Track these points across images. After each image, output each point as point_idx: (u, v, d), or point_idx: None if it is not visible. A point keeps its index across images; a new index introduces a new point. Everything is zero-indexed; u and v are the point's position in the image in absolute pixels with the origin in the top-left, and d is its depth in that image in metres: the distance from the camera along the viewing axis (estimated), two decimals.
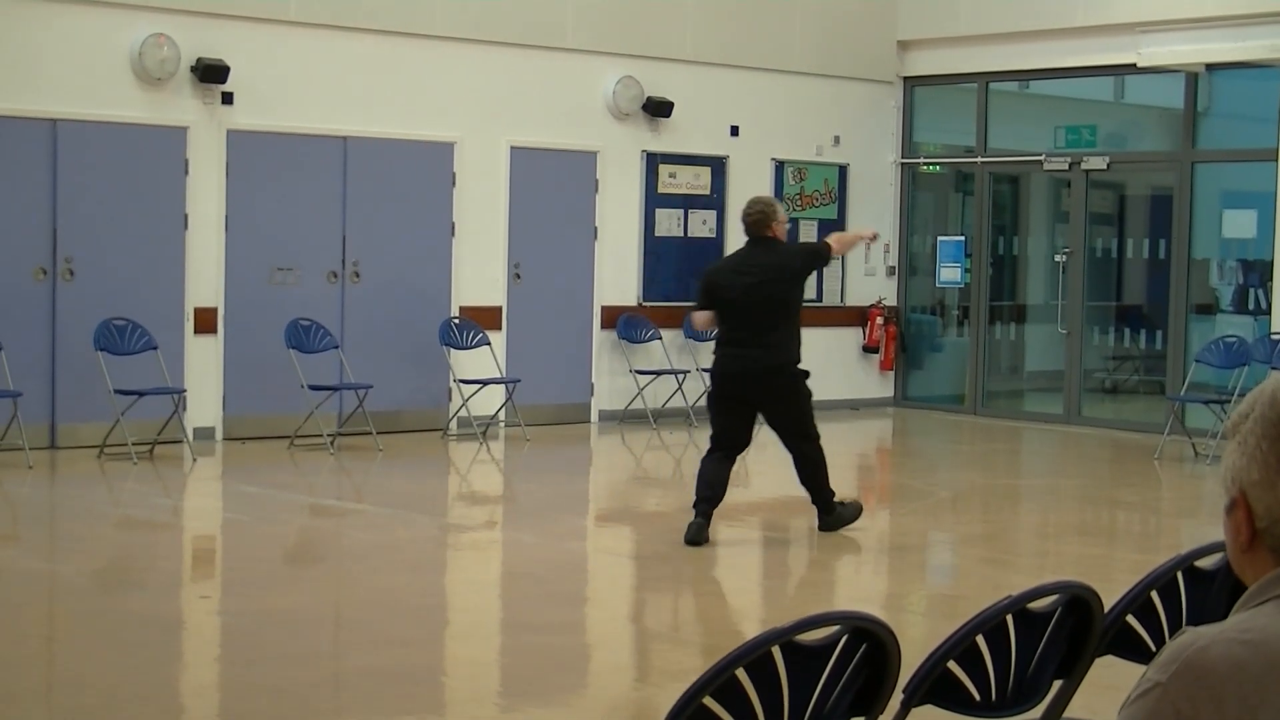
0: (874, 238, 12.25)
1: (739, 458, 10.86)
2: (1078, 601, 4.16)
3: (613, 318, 17.10)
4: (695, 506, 10.50)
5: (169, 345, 14.27)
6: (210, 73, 14.48)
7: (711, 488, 10.50)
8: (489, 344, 15.92)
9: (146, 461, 13.62)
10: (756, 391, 10.44)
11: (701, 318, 10.79)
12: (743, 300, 10.37)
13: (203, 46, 14.53)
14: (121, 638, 8.02)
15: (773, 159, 18.32)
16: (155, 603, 8.96)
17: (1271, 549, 2.31)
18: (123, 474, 13.12)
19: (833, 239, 11.23)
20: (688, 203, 17.69)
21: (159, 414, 13.86)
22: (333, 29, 15.24)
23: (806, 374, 10.65)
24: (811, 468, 10.65)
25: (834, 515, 10.82)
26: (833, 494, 10.78)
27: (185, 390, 14.30)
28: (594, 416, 17.06)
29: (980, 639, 3.94)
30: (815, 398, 10.02)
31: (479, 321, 16.00)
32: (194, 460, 13.86)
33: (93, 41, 14.11)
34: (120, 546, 10.80)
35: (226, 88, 14.66)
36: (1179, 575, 4.46)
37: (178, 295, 14.58)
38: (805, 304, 13.16)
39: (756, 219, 10.61)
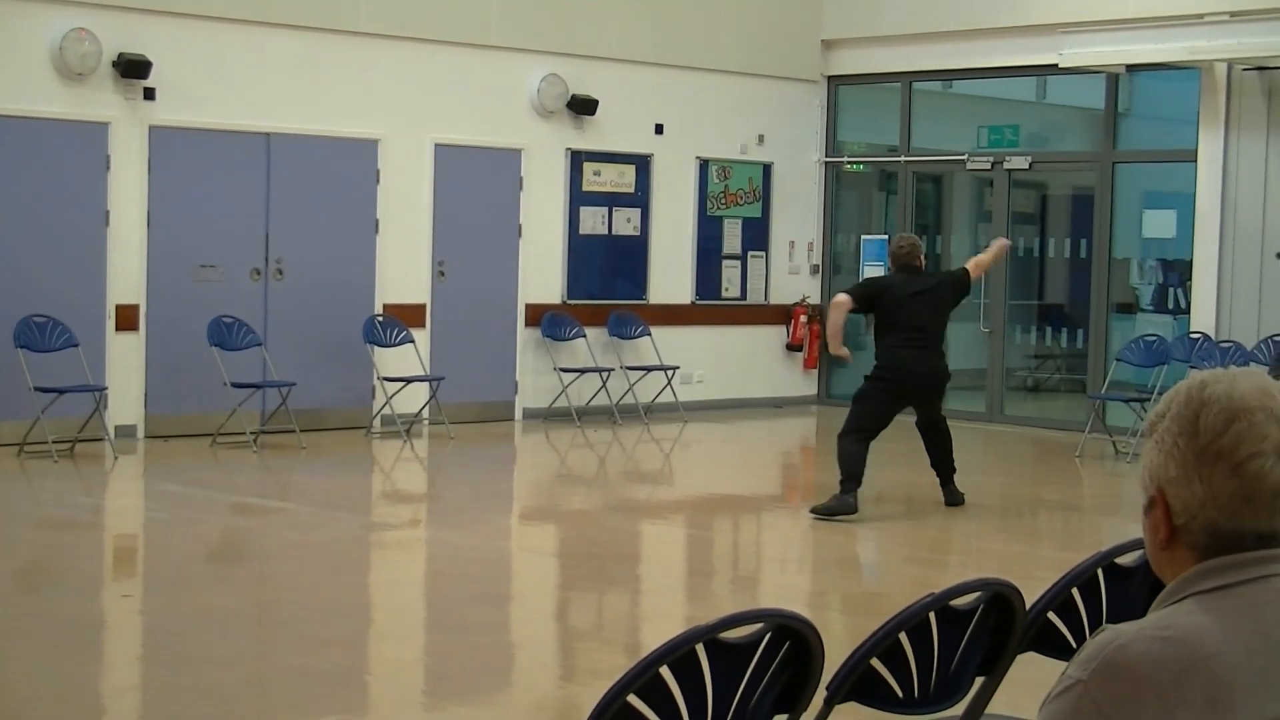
0: (1007, 246, 13.48)
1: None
2: (999, 599, 4.19)
3: (537, 315, 17.08)
4: (845, 485, 11.57)
5: (90, 342, 14.15)
6: (132, 68, 14.37)
7: (860, 470, 11.63)
8: (413, 341, 15.88)
9: (67, 460, 13.51)
10: (927, 390, 12.06)
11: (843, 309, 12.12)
12: (925, 319, 11.85)
13: (124, 41, 14.42)
14: (42, 638, 7.95)
15: (697, 157, 18.35)
16: (76, 602, 8.89)
17: (1190, 546, 2.34)
18: (43, 472, 13.00)
19: (971, 265, 12.48)
20: (612, 201, 17.69)
21: (80, 412, 13.75)
22: (256, 25, 15.16)
23: None
24: (948, 444, 12.22)
25: (954, 486, 12.26)
26: (954, 469, 12.30)
27: (107, 388, 14.19)
28: (518, 414, 17.04)
29: (903, 636, 3.96)
30: (738, 395, 10.13)
31: (403, 319, 15.95)
32: (115, 458, 13.76)
33: (12, 35, 13.97)
34: (41, 546, 10.69)
35: (149, 83, 14.55)
36: (1099, 572, 4.49)
37: (99, 292, 14.46)
38: (729, 302, 13.22)
39: (908, 251, 12.11)
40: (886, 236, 18.97)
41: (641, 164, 17.89)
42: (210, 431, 14.58)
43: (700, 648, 3.46)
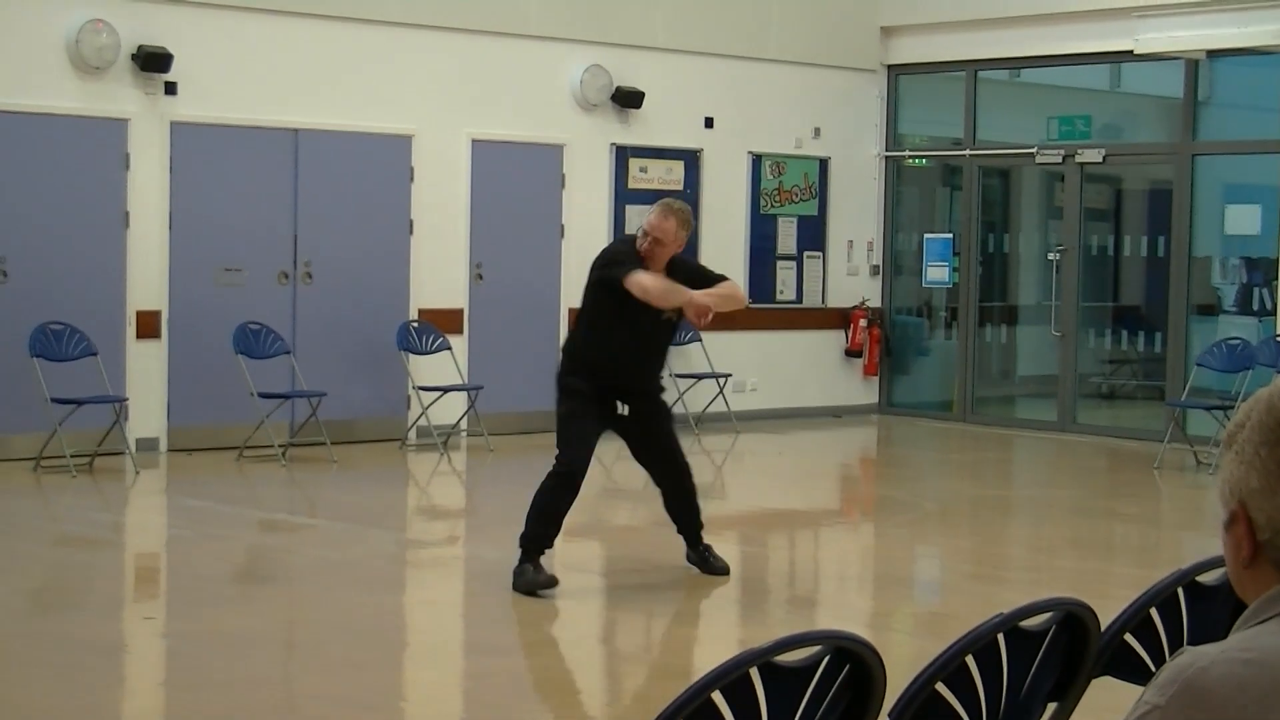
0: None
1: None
2: (1073, 619, 4.18)
3: None
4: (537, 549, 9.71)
5: (109, 351, 14.22)
6: (152, 61, 14.43)
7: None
8: (450, 348, 15.91)
9: (86, 474, 13.57)
10: None
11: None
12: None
13: (144, 33, 14.48)
14: (59, 662, 7.99)
15: (749, 152, 18.34)
16: (95, 625, 8.93)
17: (1274, 563, 2.33)
18: (60, 488, 13.07)
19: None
20: (659, 198, 17.62)
21: (99, 424, 13.81)
22: (283, 15, 15.20)
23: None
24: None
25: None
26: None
27: (127, 399, 14.25)
28: None
29: (970, 659, 3.95)
30: (794, 404, 9.84)
31: (439, 325, 15.98)
32: (136, 473, 13.82)
33: (26, 28, 14.05)
34: (58, 565, 10.75)
35: (169, 77, 14.62)
36: (1180, 591, 4.47)
37: (119, 298, 14.53)
38: (784, 305, 12.70)
39: None
40: (950, 235, 18.96)
41: (690, 159, 17.89)
42: (236, 444, 14.63)
43: (754, 671, 3.46)
